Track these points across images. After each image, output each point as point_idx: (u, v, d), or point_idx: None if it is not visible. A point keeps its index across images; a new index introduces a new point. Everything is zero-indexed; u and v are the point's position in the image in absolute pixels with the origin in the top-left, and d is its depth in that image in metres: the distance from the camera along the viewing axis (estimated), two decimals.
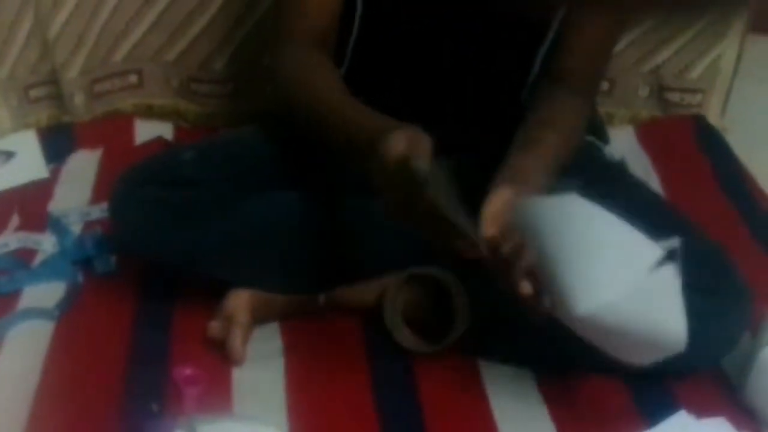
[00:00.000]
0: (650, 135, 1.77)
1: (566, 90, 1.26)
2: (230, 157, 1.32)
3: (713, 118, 1.82)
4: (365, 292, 1.31)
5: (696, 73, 1.79)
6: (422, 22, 1.26)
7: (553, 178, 1.14)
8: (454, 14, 1.25)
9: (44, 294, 1.36)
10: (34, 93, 1.75)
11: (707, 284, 1.18)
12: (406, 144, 1.01)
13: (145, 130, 1.74)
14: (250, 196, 1.26)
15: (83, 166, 1.66)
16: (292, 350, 1.28)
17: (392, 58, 1.29)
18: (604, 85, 1.76)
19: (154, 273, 1.37)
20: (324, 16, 1.28)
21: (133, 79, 1.78)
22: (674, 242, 0.98)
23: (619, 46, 1.67)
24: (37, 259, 1.44)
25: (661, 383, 1.21)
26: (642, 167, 1.66)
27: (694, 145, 1.75)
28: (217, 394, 1.20)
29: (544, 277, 1.00)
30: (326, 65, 1.26)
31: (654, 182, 1.61)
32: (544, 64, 1.28)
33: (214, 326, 1.26)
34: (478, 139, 1.29)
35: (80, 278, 1.40)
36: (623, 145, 1.68)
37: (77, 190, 1.60)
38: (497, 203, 1.06)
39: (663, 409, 1.16)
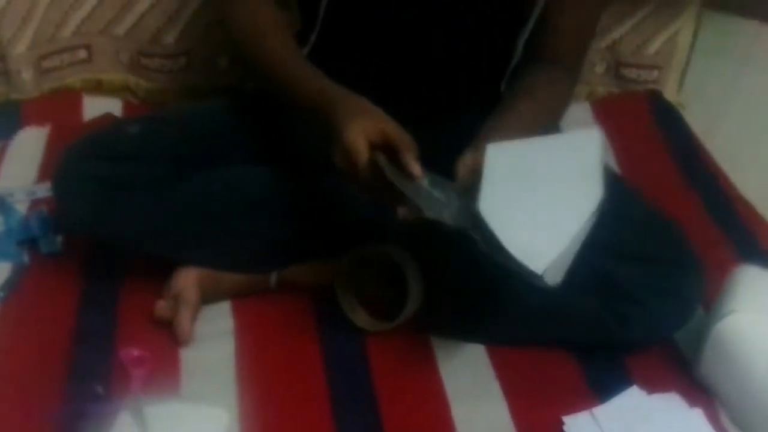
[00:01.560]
0: (606, 111, 1.76)
1: (548, 64, 1.25)
2: (177, 131, 1.29)
3: (670, 94, 1.82)
4: (318, 272, 1.29)
5: (653, 49, 1.78)
6: (392, 3, 1.23)
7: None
8: None
9: None
10: None
11: (661, 258, 1.18)
12: (366, 139, 1.04)
13: (94, 107, 1.70)
14: (197, 171, 1.23)
15: (30, 143, 1.62)
16: (242, 330, 1.25)
17: (361, 35, 1.26)
18: None
19: (101, 252, 1.34)
20: None
21: (82, 54, 1.74)
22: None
23: None
24: None
25: (613, 359, 1.20)
26: None
27: (651, 121, 1.74)
28: (165, 375, 1.18)
29: None
30: (277, 20, 1.24)
31: (610, 158, 1.61)
32: (527, 49, 1.26)
33: (162, 305, 1.24)
34: (451, 117, 1.27)
35: (26, 259, 1.37)
36: (579, 121, 1.67)
37: (23, 168, 1.56)
38: (469, 156, 1.08)
39: (615, 384, 1.17)
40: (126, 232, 1.22)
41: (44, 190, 1.48)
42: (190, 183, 1.23)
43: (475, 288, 1.20)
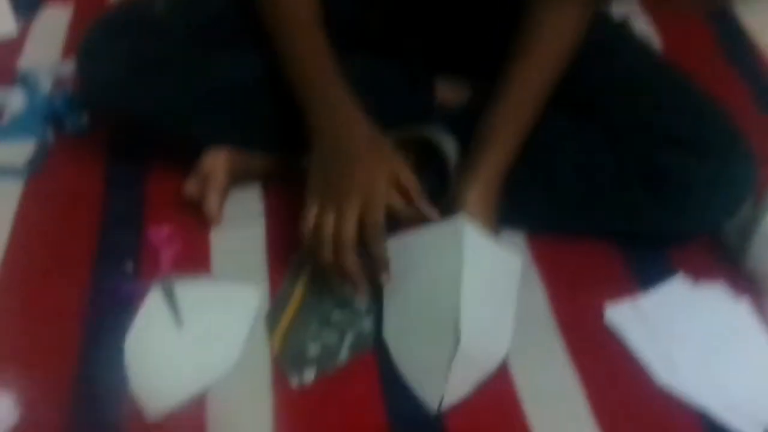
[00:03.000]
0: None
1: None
2: (206, 8, 1.23)
3: None
4: None
5: None
6: None
7: (536, 118, 1.10)
8: None
9: (12, 152, 1.30)
10: None
11: (713, 146, 1.12)
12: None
13: None
14: (225, 49, 1.18)
15: (54, 21, 1.58)
16: (273, 212, 1.22)
17: None
18: None
19: (127, 132, 1.31)
20: None
21: None
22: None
23: None
24: (5, 117, 1.37)
25: (659, 249, 1.16)
26: (644, 28, 1.58)
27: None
28: (195, 257, 1.15)
29: None
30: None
31: (656, 43, 1.54)
32: None
33: (191, 185, 1.20)
34: (470, 57, 1.21)
35: (50, 137, 1.34)
36: (628, 10, 1.60)
37: (48, 46, 1.53)
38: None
39: (659, 274, 1.12)
40: (151, 111, 1.17)
41: (69, 69, 1.44)
42: (218, 60, 1.18)
43: (520, 171, 1.15)
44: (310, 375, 1.01)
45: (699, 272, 1.13)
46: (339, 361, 1.03)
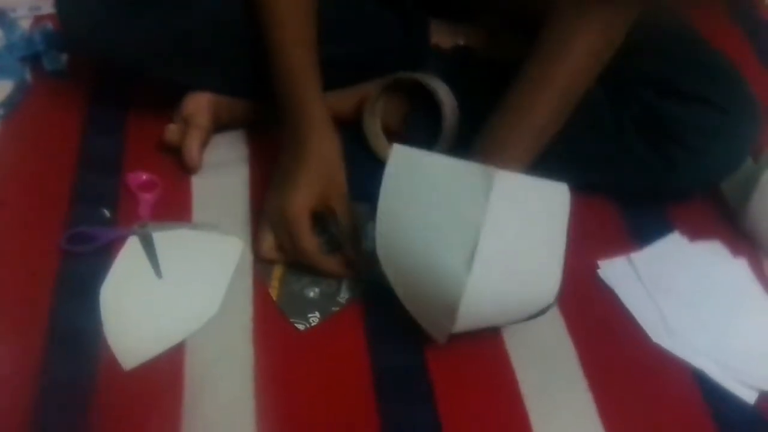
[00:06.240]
0: None
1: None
2: None
3: None
4: (343, 99, 1.19)
5: None
6: None
7: (542, 143, 1.01)
8: None
9: None
10: None
11: (717, 101, 1.08)
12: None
13: None
14: None
15: None
16: (257, 158, 1.18)
17: None
18: None
19: (108, 73, 1.26)
20: None
21: None
22: None
23: None
24: None
25: (656, 205, 1.13)
26: None
27: None
28: (176, 202, 1.11)
29: None
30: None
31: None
32: None
33: (171, 129, 1.15)
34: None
35: (28, 76, 1.29)
36: None
37: None
38: None
39: (656, 230, 1.09)
40: (132, 52, 1.11)
41: (48, 6, 1.40)
42: (199, 0, 1.12)
43: None
44: (314, 318, 0.99)
45: (697, 229, 1.10)
46: (339, 303, 1.00)
